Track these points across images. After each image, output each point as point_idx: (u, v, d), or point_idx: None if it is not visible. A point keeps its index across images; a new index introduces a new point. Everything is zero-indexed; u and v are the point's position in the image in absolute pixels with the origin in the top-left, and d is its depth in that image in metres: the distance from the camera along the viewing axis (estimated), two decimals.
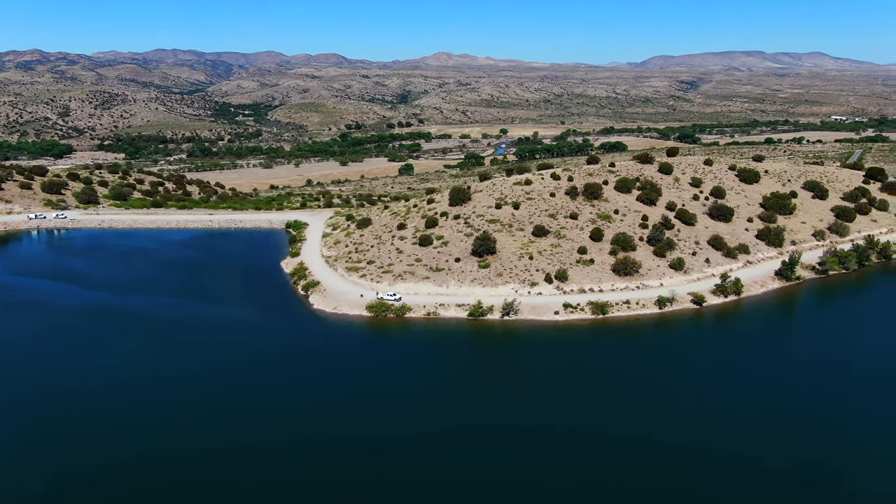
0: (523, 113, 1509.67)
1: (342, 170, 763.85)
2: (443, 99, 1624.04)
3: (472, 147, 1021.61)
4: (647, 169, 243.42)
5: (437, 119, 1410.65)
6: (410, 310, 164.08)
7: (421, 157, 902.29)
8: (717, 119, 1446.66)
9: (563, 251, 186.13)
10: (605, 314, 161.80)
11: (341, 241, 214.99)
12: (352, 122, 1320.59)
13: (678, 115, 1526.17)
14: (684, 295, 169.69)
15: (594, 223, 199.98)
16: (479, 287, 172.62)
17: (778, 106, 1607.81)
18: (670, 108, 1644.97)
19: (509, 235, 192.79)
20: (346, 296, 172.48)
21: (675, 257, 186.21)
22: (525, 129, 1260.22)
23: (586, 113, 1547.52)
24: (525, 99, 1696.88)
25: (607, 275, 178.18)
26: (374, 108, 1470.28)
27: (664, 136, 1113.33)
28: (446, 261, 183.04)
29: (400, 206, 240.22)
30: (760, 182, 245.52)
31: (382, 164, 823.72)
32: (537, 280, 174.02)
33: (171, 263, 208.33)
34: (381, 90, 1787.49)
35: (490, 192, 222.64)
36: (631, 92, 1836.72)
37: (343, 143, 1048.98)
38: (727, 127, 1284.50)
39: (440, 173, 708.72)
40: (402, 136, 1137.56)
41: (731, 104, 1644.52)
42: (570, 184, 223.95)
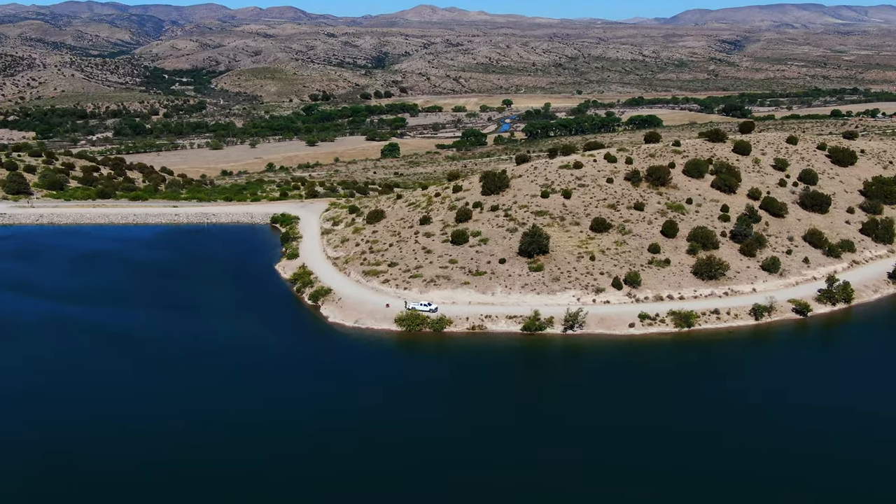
0: (530, 80, 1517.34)
1: (310, 151, 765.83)
2: (429, 63, 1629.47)
3: (468, 122, 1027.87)
4: (718, 148, 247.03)
5: (424, 88, 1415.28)
6: (450, 323, 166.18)
7: (406, 135, 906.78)
8: (770, 87, 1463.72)
9: (631, 250, 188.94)
10: (691, 326, 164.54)
11: (349, 238, 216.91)
12: (317, 91, 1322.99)
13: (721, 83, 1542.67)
14: (783, 303, 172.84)
15: (664, 215, 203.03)
16: (533, 294, 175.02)
17: (843, 71, 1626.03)
18: (710, 73, 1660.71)
19: (562, 231, 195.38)
20: (367, 306, 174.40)
21: (767, 257, 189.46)
22: (533, 99, 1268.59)
23: (607, 80, 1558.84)
24: (531, 63, 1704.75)
25: (687, 278, 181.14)
26: (345, 74, 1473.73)
27: (706, 107, 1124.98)
28: (488, 262, 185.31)
29: (417, 195, 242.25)
30: (857, 164, 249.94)
31: (359, 144, 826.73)
32: (603, 285, 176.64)
33: (140, 267, 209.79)
34: (351, 52, 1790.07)
35: (531, 177, 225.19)
36: (661, 54, 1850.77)
37: (309, 118, 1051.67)
38: (783, 97, 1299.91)
39: (433, 155, 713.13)
40: (382, 109, 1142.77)
41: (786, 69, 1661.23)
42: (628, 167, 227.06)
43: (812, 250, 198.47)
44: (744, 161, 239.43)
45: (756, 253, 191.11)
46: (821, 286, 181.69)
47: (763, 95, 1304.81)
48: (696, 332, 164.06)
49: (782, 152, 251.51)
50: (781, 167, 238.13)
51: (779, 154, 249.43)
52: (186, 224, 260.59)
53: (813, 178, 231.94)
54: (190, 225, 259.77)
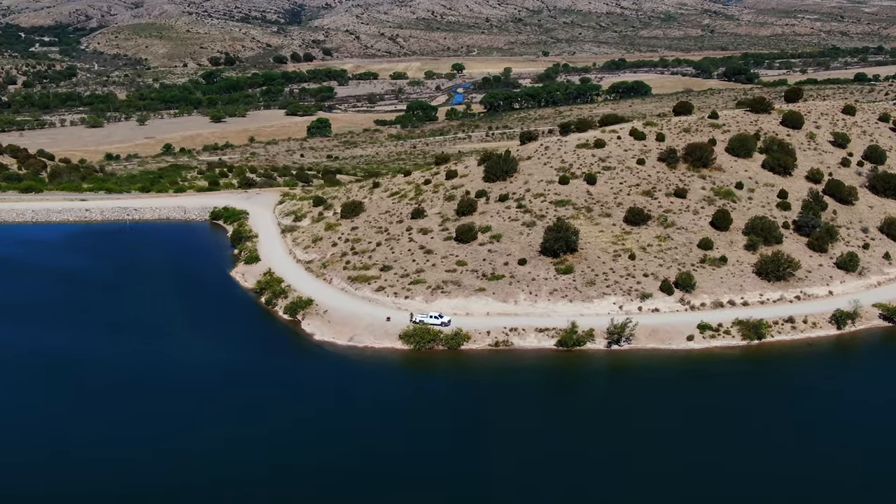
0: (484, 39, 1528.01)
1: (216, 129, 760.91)
2: (358, 17, 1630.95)
3: (412, 92, 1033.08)
4: (763, 121, 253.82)
5: (353, 49, 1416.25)
6: (468, 338, 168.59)
7: (336, 109, 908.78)
8: (778, 45, 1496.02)
9: (677, 246, 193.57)
10: (762, 338, 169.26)
11: (322, 236, 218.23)
12: (218, 53, 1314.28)
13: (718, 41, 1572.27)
14: (868, 308, 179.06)
15: (711, 203, 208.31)
16: (564, 302, 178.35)
17: (864, 26, 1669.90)
18: (705, 29, 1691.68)
19: (591, 224, 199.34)
20: (362, 319, 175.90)
21: (841, 252, 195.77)
22: (490, 63, 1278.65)
23: (579, 38, 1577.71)
24: (484, 17, 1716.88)
25: (750, 280, 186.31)
26: (252, 31, 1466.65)
27: (703, 71, 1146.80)
28: (505, 264, 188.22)
29: (399, 182, 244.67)
30: None
31: (278, 120, 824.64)
32: (649, 290, 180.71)
33: (58, 278, 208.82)
34: (258, 3, 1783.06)
35: (543, 159, 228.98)
36: (644, 5, 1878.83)
37: (210, 88, 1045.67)
38: (794, 57, 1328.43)
39: (372, 134, 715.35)
40: (303, 77, 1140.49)
41: (796, 23, 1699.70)
42: (660, 145, 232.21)
43: (891, 244, 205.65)
44: (796, 136, 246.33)
45: (827, 248, 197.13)
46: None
47: (771, 56, 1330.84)
48: (768, 345, 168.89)
49: (839, 125, 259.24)
50: (842, 143, 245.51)
51: (835, 127, 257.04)
52: (102, 222, 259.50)
53: (881, 156, 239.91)
54: (107, 223, 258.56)
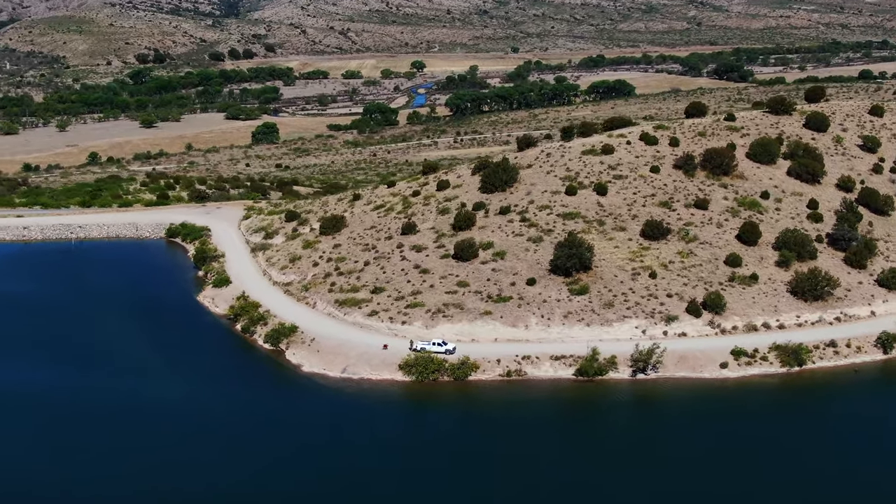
0: (446, 33, 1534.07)
1: (148, 135, 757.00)
2: (303, 9, 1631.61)
3: (368, 93, 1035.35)
4: (785, 123, 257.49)
5: (299, 45, 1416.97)
6: (477, 367, 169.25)
7: (283, 112, 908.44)
8: (772, 39, 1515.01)
9: (702, 262, 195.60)
10: (802, 365, 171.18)
11: (301, 255, 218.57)
12: (147, 50, 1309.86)
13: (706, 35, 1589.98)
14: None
15: (736, 215, 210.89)
16: (581, 326, 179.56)
17: (866, 17, 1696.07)
18: (692, 21, 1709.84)
19: (604, 239, 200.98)
20: (355, 348, 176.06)
21: (883, 269, 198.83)
22: (453, 61, 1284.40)
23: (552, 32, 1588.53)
24: (446, 9, 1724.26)
25: (784, 299, 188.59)
26: (185, 25, 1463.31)
27: (691, 68, 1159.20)
28: (511, 284, 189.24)
29: (383, 194, 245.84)
30: None
31: (218, 125, 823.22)
32: (675, 312, 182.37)
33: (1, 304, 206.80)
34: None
35: (546, 167, 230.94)
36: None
37: (139, 89, 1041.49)
38: (791, 52, 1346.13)
39: (326, 140, 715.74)
40: (244, 76, 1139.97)
41: (792, 15, 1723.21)
42: (674, 150, 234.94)
43: None
44: (821, 140, 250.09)
45: (866, 263, 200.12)
46: None
47: (765, 51, 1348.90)
48: (809, 372, 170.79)
49: (867, 127, 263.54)
50: (872, 147, 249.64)
51: (863, 129, 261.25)
52: (43, 241, 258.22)
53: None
54: (49, 242, 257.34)
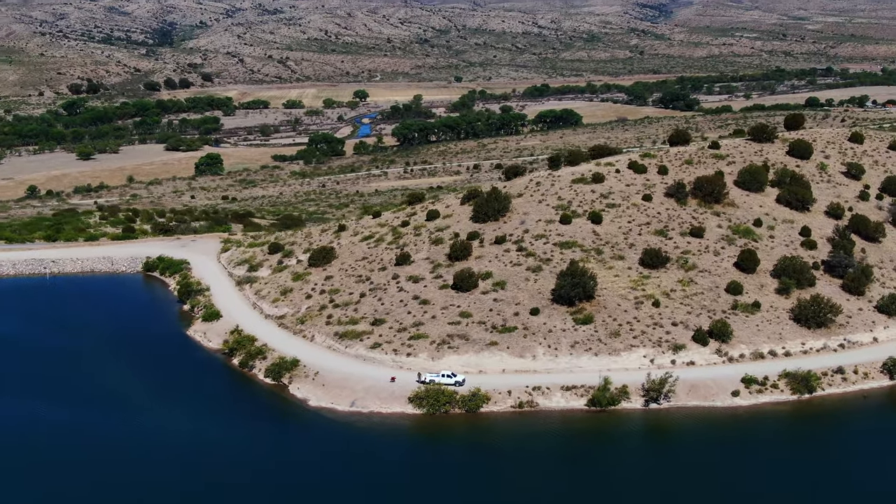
0: (387, 62, 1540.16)
1: (86, 168, 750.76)
2: (240, 38, 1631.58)
3: (311, 123, 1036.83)
4: (768, 151, 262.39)
5: (237, 74, 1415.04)
6: (488, 399, 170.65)
7: (225, 143, 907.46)
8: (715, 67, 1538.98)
9: (703, 291, 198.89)
10: (812, 392, 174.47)
11: (292, 288, 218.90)
12: (80, 80, 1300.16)
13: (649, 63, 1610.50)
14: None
15: (731, 243, 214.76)
16: (589, 355, 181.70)
17: (809, 45, 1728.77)
18: (634, 50, 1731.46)
19: (603, 268, 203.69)
20: (360, 380, 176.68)
21: (881, 295, 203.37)
22: (396, 90, 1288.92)
23: (495, 62, 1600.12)
24: (386, 38, 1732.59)
25: (788, 327, 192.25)
26: (118, 55, 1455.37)
27: (636, 97, 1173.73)
28: (515, 314, 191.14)
29: (370, 225, 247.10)
30: None
31: (158, 156, 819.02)
32: (681, 340, 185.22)
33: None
34: (121, 22, 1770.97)
35: (537, 196, 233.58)
36: (563, 24, 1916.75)
37: (74, 120, 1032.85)
38: (736, 80, 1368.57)
39: (272, 171, 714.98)
40: (182, 106, 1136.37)
41: (734, 43, 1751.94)
42: (663, 178, 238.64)
43: None
44: (806, 167, 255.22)
45: (864, 290, 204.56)
46: None
47: (710, 80, 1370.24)
48: (819, 399, 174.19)
49: (848, 154, 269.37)
50: (856, 174, 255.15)
51: (845, 157, 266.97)
52: (15, 276, 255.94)
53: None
54: (22, 277, 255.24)
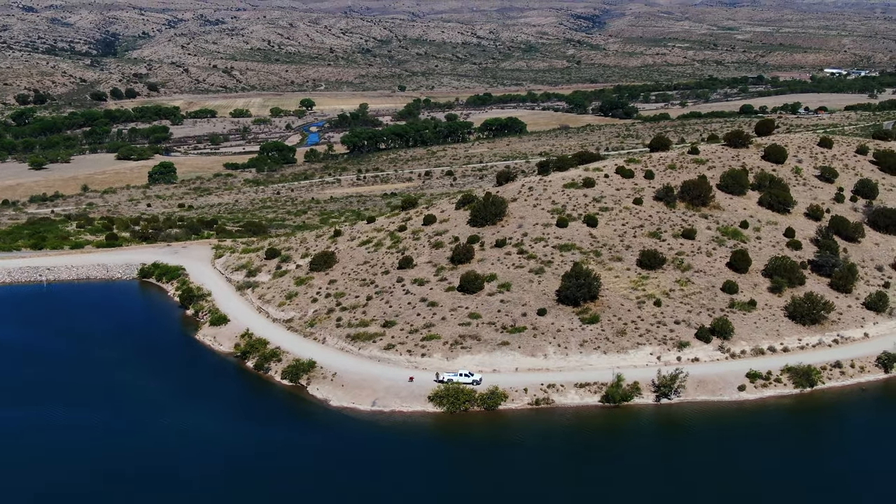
0: (331, 72, 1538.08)
1: (39, 178, 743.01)
2: (184, 48, 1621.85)
3: (259, 131, 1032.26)
4: (744, 156, 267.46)
5: (183, 84, 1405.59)
6: (506, 397, 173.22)
7: (175, 151, 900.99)
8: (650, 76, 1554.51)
9: (701, 290, 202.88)
10: (813, 386, 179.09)
11: (297, 292, 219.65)
12: (27, 91, 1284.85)
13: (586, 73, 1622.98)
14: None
15: (722, 244, 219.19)
16: (598, 354, 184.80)
17: (740, 54, 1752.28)
18: (571, 60, 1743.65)
19: (603, 269, 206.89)
20: (378, 381, 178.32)
21: (869, 293, 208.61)
22: (341, 99, 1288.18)
23: (437, 71, 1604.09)
24: (328, 48, 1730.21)
25: (784, 324, 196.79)
26: (63, 65, 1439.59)
27: (576, 106, 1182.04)
28: (523, 315, 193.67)
29: (367, 230, 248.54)
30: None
31: (110, 166, 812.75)
32: (685, 338, 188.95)
33: None
34: (65, 33, 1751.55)
35: (532, 200, 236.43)
36: (502, 35, 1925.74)
37: (23, 130, 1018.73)
38: (671, 89, 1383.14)
39: (226, 179, 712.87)
40: (130, 116, 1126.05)
41: (668, 52, 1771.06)
42: (650, 182, 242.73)
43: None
44: (782, 171, 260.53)
45: (851, 288, 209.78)
46: None
47: (646, 88, 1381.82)
48: (820, 393, 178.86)
49: (819, 158, 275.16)
50: (829, 178, 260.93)
51: (816, 161, 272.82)
52: (11, 284, 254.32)
53: (872, 190, 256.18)
54: (18, 285, 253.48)
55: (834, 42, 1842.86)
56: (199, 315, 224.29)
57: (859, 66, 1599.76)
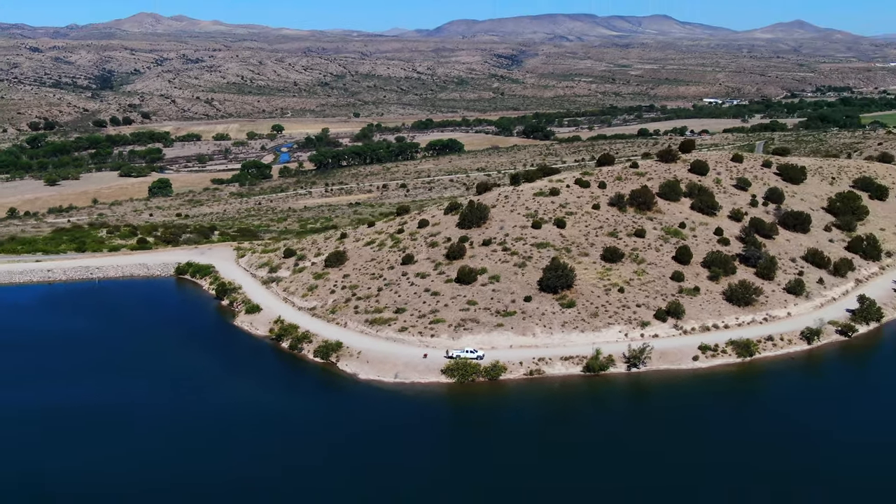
0: (296, 102, 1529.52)
1: (54, 192, 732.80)
2: (170, 82, 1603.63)
3: (239, 152, 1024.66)
4: (674, 169, 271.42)
5: (171, 113, 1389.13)
6: (505, 369, 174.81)
7: (168, 169, 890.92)
8: (562, 105, 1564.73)
9: (654, 279, 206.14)
10: (752, 356, 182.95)
11: (316, 285, 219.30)
12: (37, 118, 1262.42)
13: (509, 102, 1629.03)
14: (826, 325, 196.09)
15: (666, 241, 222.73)
16: (577, 332, 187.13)
17: (634, 87, 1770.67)
18: (496, 91, 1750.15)
19: (574, 262, 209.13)
20: (398, 357, 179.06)
21: (789, 280, 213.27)
22: (306, 124, 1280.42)
23: (385, 101, 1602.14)
24: (292, 82, 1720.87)
25: (724, 306, 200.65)
26: (67, 97, 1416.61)
27: (503, 129, 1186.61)
28: (512, 301, 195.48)
29: (368, 233, 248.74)
30: (807, 181, 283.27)
31: (114, 182, 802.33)
32: (646, 318, 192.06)
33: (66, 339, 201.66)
34: (67, 70, 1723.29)
35: (508, 206, 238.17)
36: (437, 71, 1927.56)
37: (37, 152, 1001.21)
38: (579, 115, 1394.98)
39: (213, 192, 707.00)
40: (127, 140, 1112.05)
41: (575, 85, 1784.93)
42: (604, 191, 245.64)
43: (817, 270, 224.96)
44: (705, 181, 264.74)
45: (774, 276, 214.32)
46: (847, 306, 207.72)
47: (559, 115, 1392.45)
48: (759, 361, 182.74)
49: (733, 171, 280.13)
50: (743, 187, 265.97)
51: (730, 173, 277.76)
52: (67, 282, 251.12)
53: (780, 196, 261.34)
54: (73, 283, 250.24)
55: (710, 76, 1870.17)
56: (234, 305, 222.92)
57: (732, 96, 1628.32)
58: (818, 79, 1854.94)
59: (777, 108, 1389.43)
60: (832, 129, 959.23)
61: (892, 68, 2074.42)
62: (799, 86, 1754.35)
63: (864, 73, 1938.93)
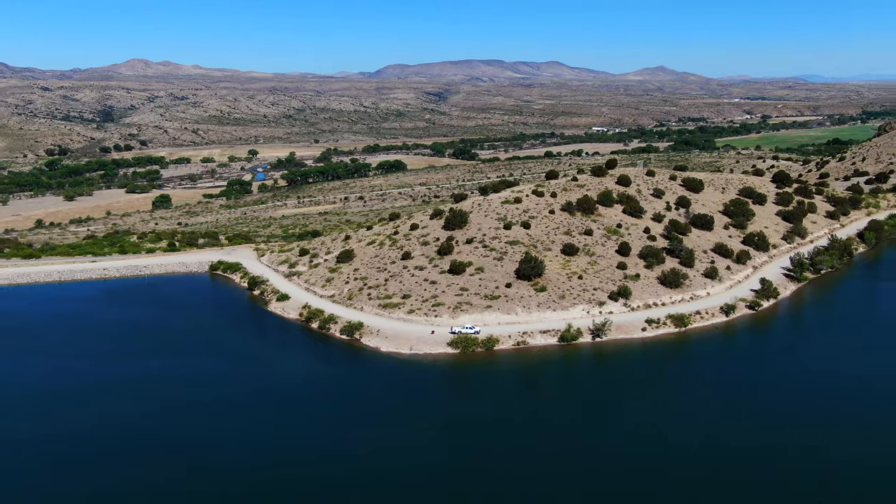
0: (266, 131, 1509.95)
1: (72, 206, 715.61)
2: (162, 115, 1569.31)
3: (223, 173, 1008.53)
4: (606, 182, 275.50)
5: (164, 140, 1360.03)
6: (498, 342, 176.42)
7: (165, 187, 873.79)
8: (482, 132, 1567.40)
9: (604, 268, 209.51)
10: (686, 326, 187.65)
11: (332, 277, 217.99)
12: (53, 146, 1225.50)
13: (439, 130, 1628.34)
14: (738, 302, 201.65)
15: (609, 238, 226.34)
16: (550, 311, 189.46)
17: (538, 118, 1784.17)
18: (428, 121, 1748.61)
19: (541, 256, 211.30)
20: (410, 334, 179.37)
21: (706, 267, 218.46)
22: (276, 149, 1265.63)
23: (339, 129, 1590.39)
24: (262, 115, 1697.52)
25: (659, 288, 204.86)
26: (76, 128, 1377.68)
27: (438, 152, 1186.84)
28: (496, 287, 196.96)
29: (368, 235, 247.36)
30: (705, 191, 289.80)
31: (122, 197, 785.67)
32: (602, 299, 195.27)
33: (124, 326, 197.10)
34: (74, 106, 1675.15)
35: (482, 212, 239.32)
36: (380, 105, 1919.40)
37: (55, 173, 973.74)
38: (496, 141, 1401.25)
39: (206, 204, 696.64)
40: (129, 163, 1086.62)
41: (491, 117, 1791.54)
42: (555, 200, 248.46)
43: (724, 260, 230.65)
44: (630, 191, 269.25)
45: (693, 264, 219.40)
46: (751, 287, 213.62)
47: (481, 140, 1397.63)
48: (691, 330, 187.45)
49: (649, 183, 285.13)
50: (658, 195, 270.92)
51: (647, 185, 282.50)
52: (119, 278, 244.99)
53: (687, 202, 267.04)
54: (124, 279, 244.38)
55: (596, 110, 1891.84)
56: (265, 295, 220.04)
57: (614, 125, 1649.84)
58: (680, 111, 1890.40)
59: (650, 134, 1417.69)
60: (694, 150, 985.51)
61: (736, 103, 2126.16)
62: (665, 117, 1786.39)
63: (714, 107, 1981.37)
